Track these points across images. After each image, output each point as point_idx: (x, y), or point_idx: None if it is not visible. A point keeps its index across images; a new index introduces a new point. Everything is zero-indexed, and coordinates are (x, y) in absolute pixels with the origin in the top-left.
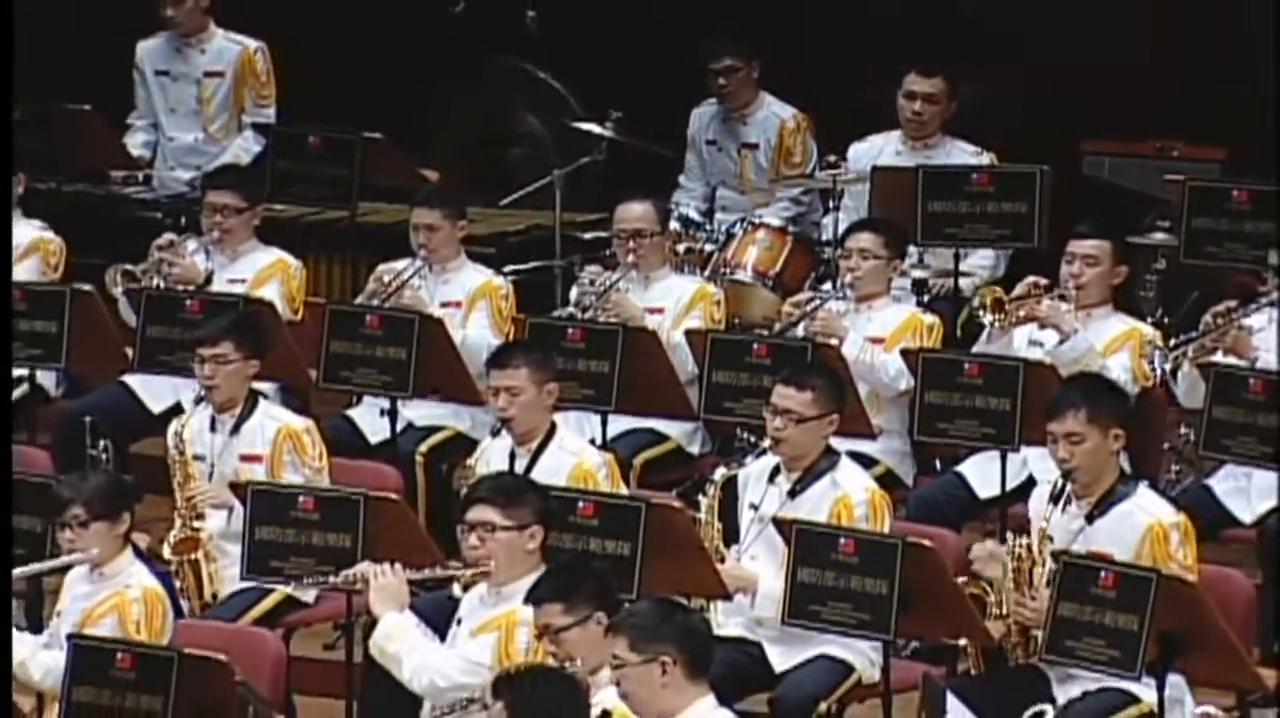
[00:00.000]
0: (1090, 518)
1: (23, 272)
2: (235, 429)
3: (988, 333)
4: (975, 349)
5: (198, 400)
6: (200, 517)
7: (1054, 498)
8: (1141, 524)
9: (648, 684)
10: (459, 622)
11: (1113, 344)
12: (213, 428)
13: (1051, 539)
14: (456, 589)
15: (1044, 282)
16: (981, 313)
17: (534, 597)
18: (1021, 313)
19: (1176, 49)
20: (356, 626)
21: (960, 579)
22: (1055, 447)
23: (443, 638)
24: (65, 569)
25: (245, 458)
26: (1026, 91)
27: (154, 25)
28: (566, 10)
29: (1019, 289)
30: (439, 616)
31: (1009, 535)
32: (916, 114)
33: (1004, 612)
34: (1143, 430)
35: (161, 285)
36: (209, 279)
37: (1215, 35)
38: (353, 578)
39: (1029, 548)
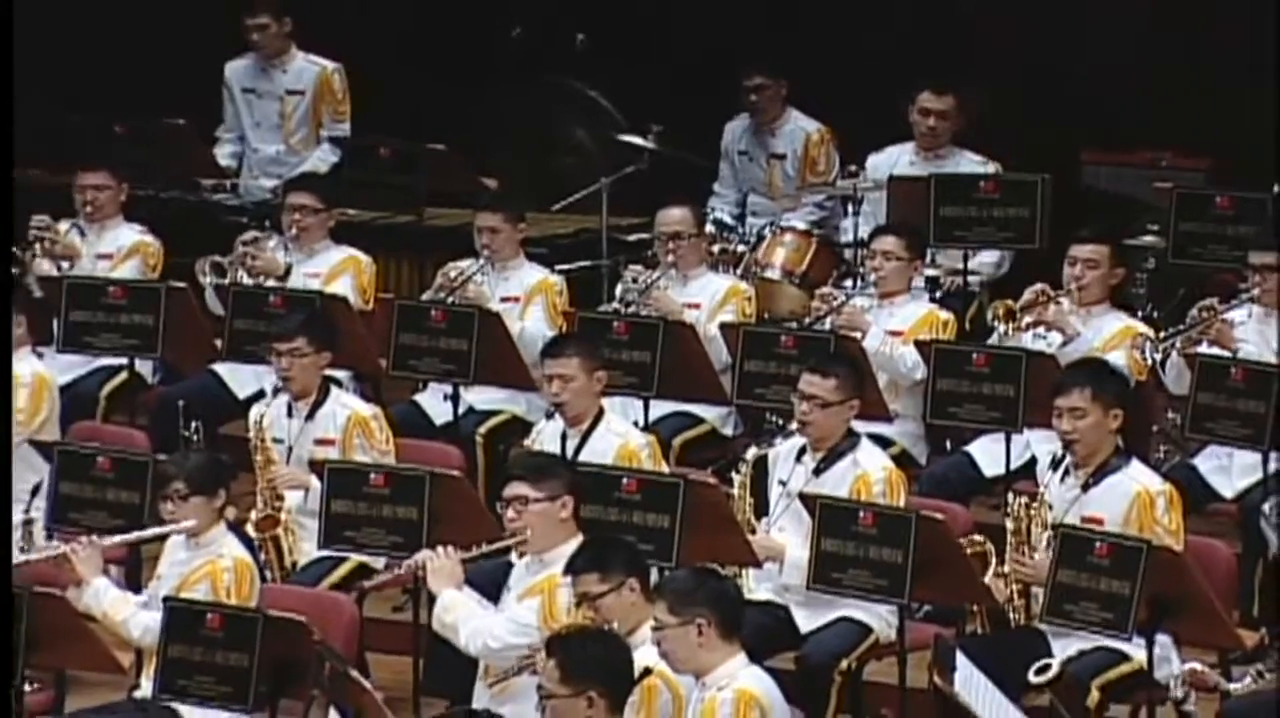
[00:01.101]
0: (1085, 487)
1: (124, 271)
2: (310, 416)
3: (998, 337)
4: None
5: (276, 390)
6: (279, 497)
7: (1054, 466)
8: (1130, 491)
9: (685, 644)
10: (508, 589)
11: (1111, 341)
12: (290, 415)
13: (1051, 507)
14: (514, 556)
15: (1049, 289)
16: (995, 323)
17: (571, 568)
18: (1031, 319)
19: (1167, 69)
20: (422, 590)
21: (963, 539)
22: (1060, 420)
23: (495, 599)
24: (164, 538)
25: (319, 442)
26: (1030, 106)
27: (241, 47)
28: (612, 34)
29: (1027, 296)
30: (493, 583)
31: (1010, 496)
32: (930, 128)
33: (1005, 570)
34: (1134, 415)
35: (245, 276)
36: (288, 272)
37: (1201, 55)
38: (414, 564)
39: (1026, 507)
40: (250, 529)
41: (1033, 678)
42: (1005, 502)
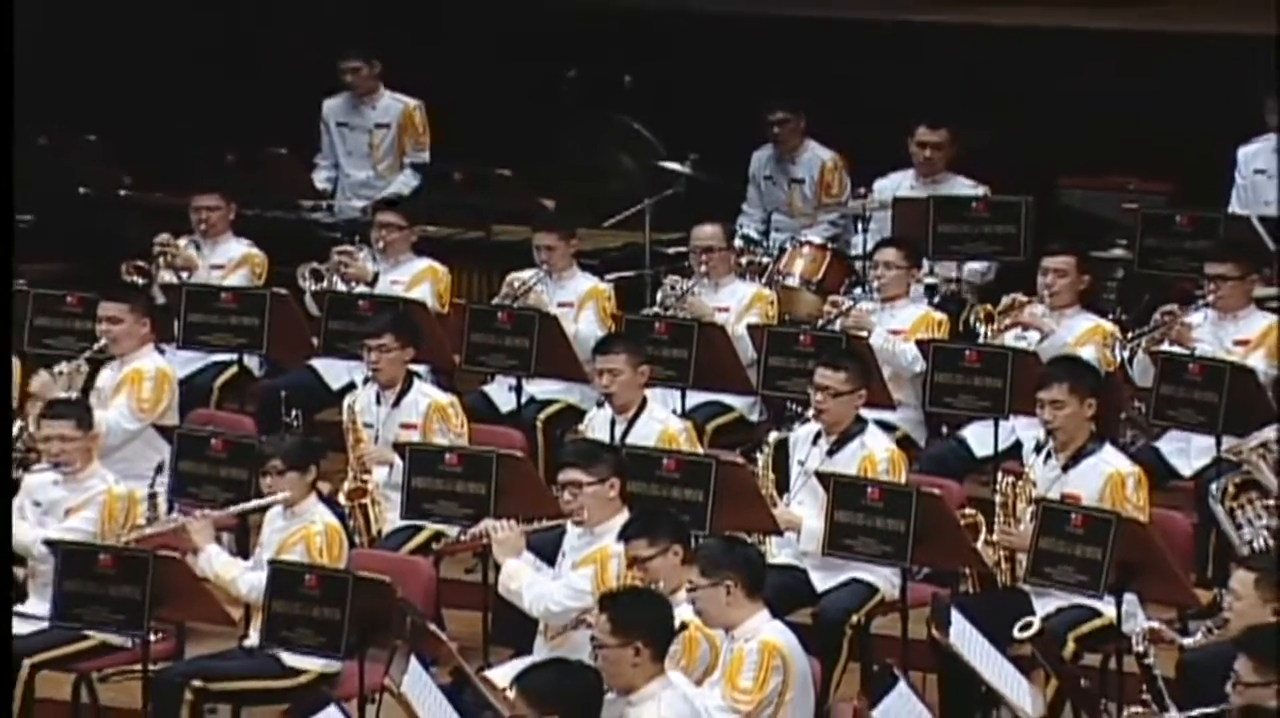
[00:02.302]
0: (1065, 468)
1: (234, 279)
2: (396, 403)
3: (981, 337)
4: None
5: (366, 380)
6: (367, 471)
7: (1037, 450)
8: (1105, 473)
9: (716, 602)
10: (564, 554)
11: (1082, 338)
12: (378, 402)
13: (1035, 484)
14: (569, 524)
15: (1024, 297)
16: (977, 325)
17: (624, 534)
18: (1008, 322)
19: (1134, 105)
20: (490, 556)
21: (960, 512)
22: (1042, 411)
23: (552, 564)
24: (265, 509)
25: (404, 426)
26: (1017, 138)
27: (336, 87)
28: (654, 75)
29: (1004, 302)
30: (550, 547)
31: (999, 475)
32: (927, 158)
33: (993, 538)
34: (1105, 403)
35: (339, 282)
36: (375, 280)
37: (1163, 95)
38: (480, 533)
39: (1013, 486)
40: (341, 498)
41: (1017, 634)
42: (994, 479)
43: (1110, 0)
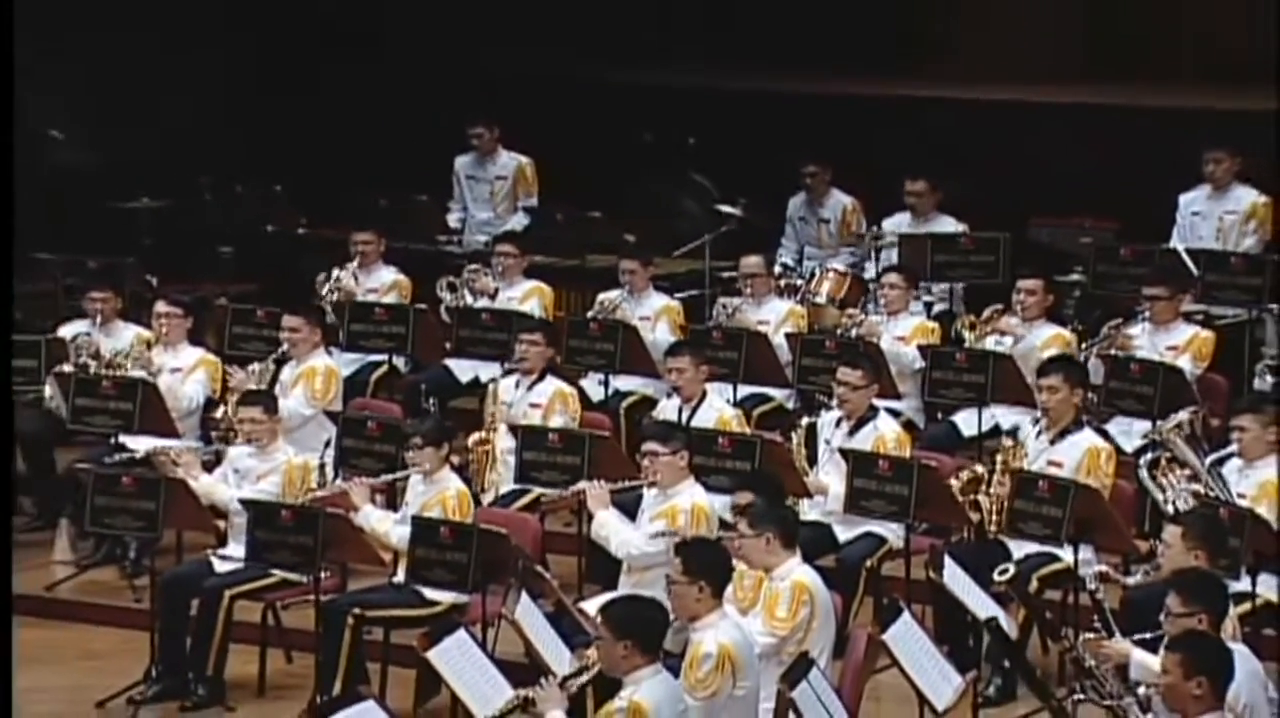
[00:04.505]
0: (1053, 442)
1: (388, 298)
2: (530, 388)
3: (967, 342)
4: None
5: (511, 370)
6: (494, 430)
7: (1034, 424)
8: (1084, 447)
9: (758, 550)
10: (643, 510)
11: (1047, 343)
12: (517, 387)
13: (1027, 454)
14: (645, 489)
15: (999, 308)
16: (963, 331)
17: (742, 511)
18: (989, 328)
19: (1088, 162)
20: (584, 513)
21: (964, 474)
22: (1041, 394)
23: (633, 519)
24: (409, 476)
25: (533, 405)
26: (1000, 186)
27: (465, 147)
28: (713, 138)
29: (986, 314)
30: (631, 506)
31: (1003, 439)
32: (913, 204)
33: (990, 491)
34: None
35: (468, 295)
36: (495, 293)
37: (1112, 152)
38: (576, 491)
39: (1010, 450)
40: (470, 443)
41: (996, 578)
42: (979, 454)
43: (1071, 79)
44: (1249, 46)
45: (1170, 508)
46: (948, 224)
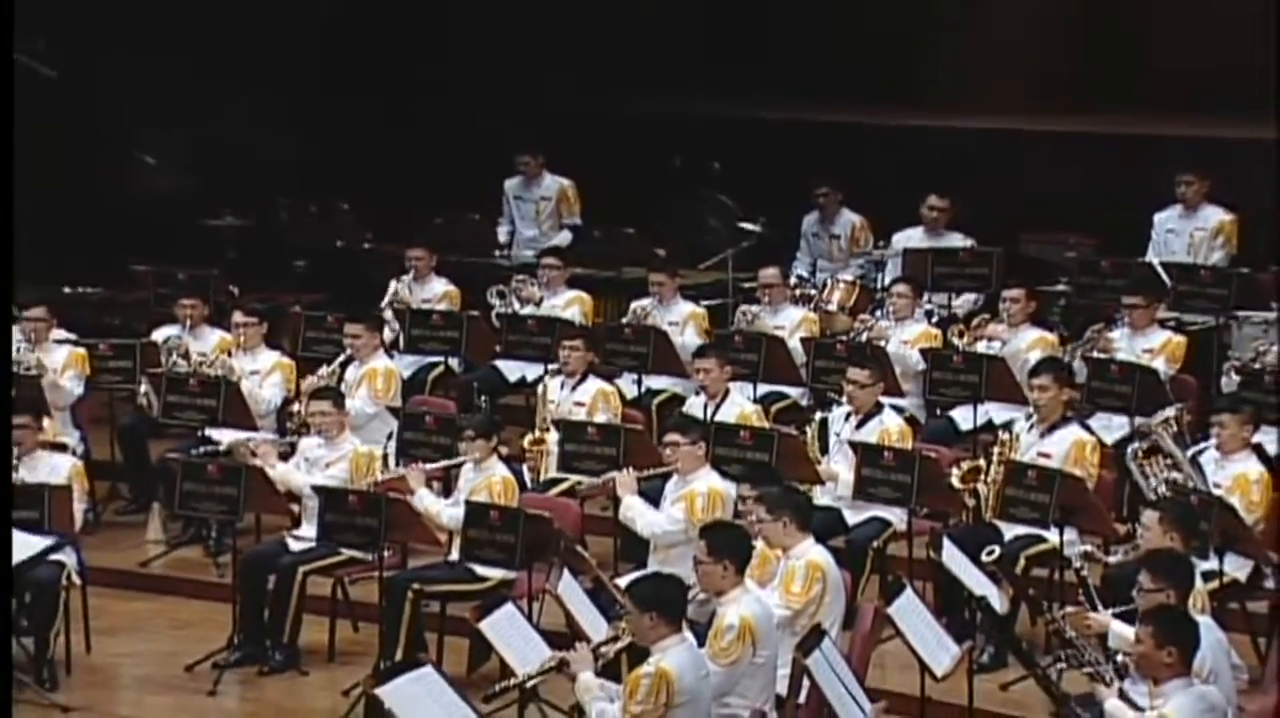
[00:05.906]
0: (1043, 435)
1: (440, 306)
2: (575, 388)
3: (961, 346)
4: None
5: (556, 371)
6: (547, 430)
7: (1027, 419)
8: (1072, 440)
9: (776, 532)
10: (665, 496)
11: (1032, 345)
12: (562, 387)
13: (1020, 445)
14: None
15: (986, 316)
16: (955, 337)
17: (755, 488)
18: (979, 333)
19: (1074, 185)
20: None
21: (965, 464)
22: (1033, 393)
23: (657, 504)
24: (461, 465)
25: (577, 404)
26: (997, 204)
27: (513, 170)
28: (736, 162)
29: (975, 321)
30: (655, 492)
31: (1000, 432)
32: (934, 219)
33: (988, 480)
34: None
35: (516, 302)
36: (540, 301)
37: (1094, 178)
38: (608, 480)
39: (1008, 443)
40: (525, 443)
41: (984, 559)
42: (974, 447)
43: (1057, 111)
44: (1216, 79)
45: (1152, 494)
46: (955, 239)
